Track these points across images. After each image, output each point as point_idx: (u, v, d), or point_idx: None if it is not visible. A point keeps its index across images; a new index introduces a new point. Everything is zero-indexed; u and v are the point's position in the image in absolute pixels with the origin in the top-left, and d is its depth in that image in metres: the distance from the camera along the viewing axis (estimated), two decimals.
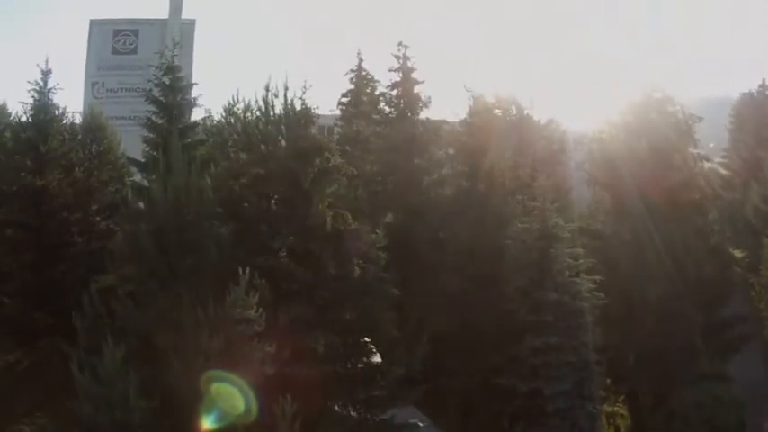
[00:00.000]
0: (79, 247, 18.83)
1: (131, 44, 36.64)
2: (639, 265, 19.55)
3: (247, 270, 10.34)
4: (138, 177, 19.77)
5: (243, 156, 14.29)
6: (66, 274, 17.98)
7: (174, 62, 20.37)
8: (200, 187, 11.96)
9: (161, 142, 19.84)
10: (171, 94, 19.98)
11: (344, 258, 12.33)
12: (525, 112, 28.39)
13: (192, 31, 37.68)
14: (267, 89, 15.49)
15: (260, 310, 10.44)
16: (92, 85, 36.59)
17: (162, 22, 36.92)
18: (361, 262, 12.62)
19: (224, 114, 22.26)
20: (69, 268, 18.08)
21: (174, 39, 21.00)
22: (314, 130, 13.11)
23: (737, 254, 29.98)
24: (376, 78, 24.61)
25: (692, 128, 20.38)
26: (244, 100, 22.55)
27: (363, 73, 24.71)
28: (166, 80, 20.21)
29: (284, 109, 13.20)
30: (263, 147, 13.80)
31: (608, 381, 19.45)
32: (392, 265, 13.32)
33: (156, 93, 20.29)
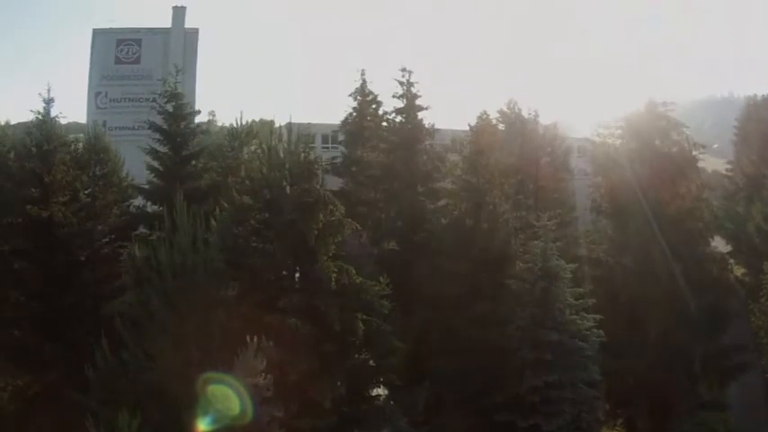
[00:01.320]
0: (86, 275, 19.09)
1: (134, 53, 36.41)
2: (641, 295, 19.70)
3: (255, 338, 10.48)
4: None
5: (247, 199, 14.36)
6: (74, 304, 18.31)
7: (177, 89, 20.53)
8: (207, 247, 12.05)
9: (165, 171, 20.17)
10: (174, 122, 20.18)
11: (349, 313, 12.48)
12: (529, 126, 28.43)
13: (196, 40, 37.43)
14: (271, 132, 15.60)
15: (268, 376, 10.62)
16: (95, 94, 36.46)
17: (165, 31, 36.66)
18: (364, 316, 12.76)
19: (227, 138, 22.34)
20: (77, 298, 18.41)
21: (176, 65, 20.97)
22: (317, 183, 13.09)
23: (738, 269, 30.22)
24: (379, 98, 24.56)
25: (696, 157, 20.34)
26: (247, 123, 22.85)
27: (366, 91, 24.63)
28: (170, 107, 20.40)
29: (289, 157, 13.24)
30: (267, 193, 13.88)
31: (607, 406, 19.77)
32: (395, 300, 13.47)
33: (160, 120, 20.49)
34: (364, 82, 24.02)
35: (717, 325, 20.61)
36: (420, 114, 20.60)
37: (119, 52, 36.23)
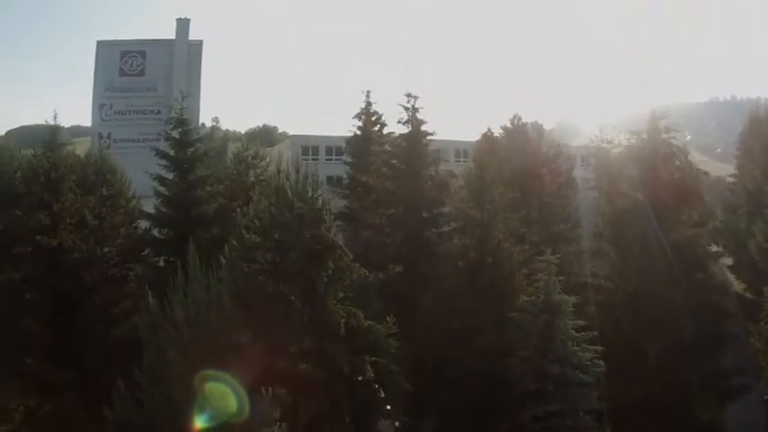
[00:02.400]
0: (95, 300, 19.36)
1: (139, 65, 36.51)
2: (641, 320, 20.00)
3: (270, 390, 10.75)
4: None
5: (255, 238, 14.59)
6: (84, 329, 18.61)
7: (182, 115, 20.67)
8: (219, 296, 12.27)
9: (172, 197, 20.38)
10: (181, 150, 20.36)
11: (357, 356, 12.77)
12: (532, 142, 28.57)
13: (200, 52, 37.47)
14: (279, 170, 15.80)
15: (282, 424, 10.92)
16: (99, 106, 36.60)
17: (169, 43, 36.74)
18: (372, 357, 13.05)
19: (233, 160, 22.50)
20: (87, 323, 18.69)
21: (182, 91, 21.05)
22: (327, 229, 13.32)
23: (739, 284, 30.45)
24: (384, 118, 24.71)
25: (700, 185, 20.53)
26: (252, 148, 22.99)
27: (371, 111, 24.79)
28: (176, 134, 20.56)
29: (298, 201, 13.45)
30: (276, 233, 14.11)
31: (608, 430, 20.12)
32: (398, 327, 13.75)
33: (166, 146, 20.66)
34: (369, 104, 24.14)
35: (716, 349, 20.91)
36: (425, 140, 20.76)
37: (123, 64, 36.34)
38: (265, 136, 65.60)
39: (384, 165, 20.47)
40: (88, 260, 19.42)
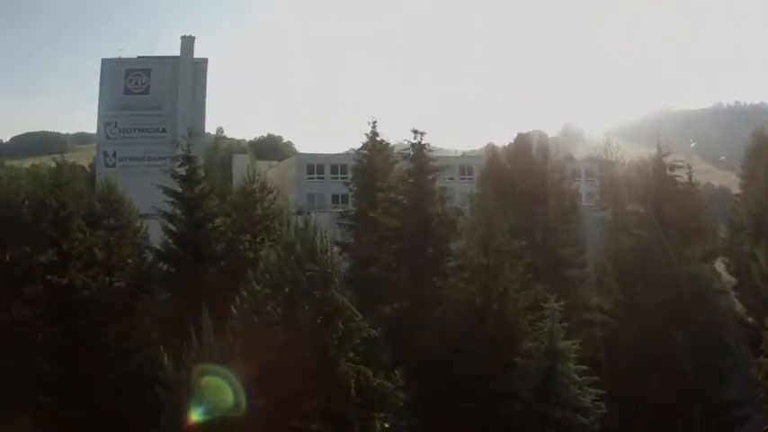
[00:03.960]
0: (105, 335, 19.62)
1: (143, 83, 36.48)
2: (643, 357, 20.22)
3: None
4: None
5: (266, 291, 14.79)
6: (95, 366, 18.89)
7: (189, 152, 20.77)
8: (231, 352, 12.50)
9: (179, 234, 20.54)
10: (188, 188, 20.50)
11: (367, 413, 13.01)
12: (537, 166, 28.59)
13: (205, 69, 37.43)
14: (287, 223, 15.95)
15: None
16: (104, 125, 36.66)
17: (174, 60, 36.67)
18: (381, 413, 13.28)
19: (240, 195, 22.56)
20: (97, 359, 18.98)
21: (189, 129, 21.13)
22: (336, 288, 13.52)
23: (742, 310, 30.60)
24: (390, 145, 24.80)
25: (706, 222, 20.65)
26: (258, 178, 23.04)
27: (378, 139, 24.88)
28: (182, 171, 20.69)
29: (308, 260, 13.63)
30: (286, 287, 14.32)
31: None
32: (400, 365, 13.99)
33: (173, 184, 20.76)
34: (375, 133, 24.22)
35: (717, 383, 21.12)
36: (431, 176, 20.89)
37: (128, 82, 36.32)
38: (270, 146, 65.73)
39: (390, 202, 20.60)
40: (97, 296, 19.77)
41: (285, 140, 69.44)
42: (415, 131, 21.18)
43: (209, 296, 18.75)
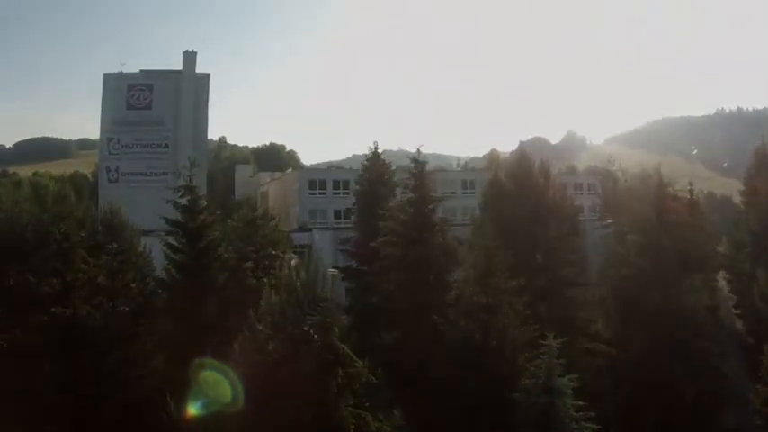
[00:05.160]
0: (110, 363, 19.81)
1: (146, 99, 36.46)
2: (642, 387, 20.39)
3: None
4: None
5: (268, 330, 14.92)
6: (101, 394, 19.10)
7: (191, 182, 20.83)
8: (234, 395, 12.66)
9: (182, 264, 20.67)
10: (191, 218, 20.59)
11: None
12: (538, 187, 28.60)
13: (207, 84, 37.41)
14: (288, 268, 16.06)
15: None
16: (107, 140, 36.72)
17: (176, 75, 36.63)
18: None
19: (242, 223, 22.69)
20: (104, 388, 19.19)
21: (190, 157, 21.19)
22: (336, 336, 13.64)
23: (742, 328, 30.61)
24: (391, 168, 24.87)
25: (706, 252, 20.73)
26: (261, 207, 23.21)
27: (379, 162, 24.95)
28: (185, 201, 20.76)
29: (310, 310, 13.77)
30: (288, 328, 14.46)
31: None
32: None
33: (175, 214, 20.83)
34: (376, 156, 24.25)
35: (715, 409, 21.30)
36: (432, 206, 20.96)
37: (130, 98, 36.32)
38: (273, 154, 65.61)
39: (391, 233, 20.69)
40: (102, 325, 19.93)
41: (288, 149, 69.31)
42: (416, 160, 21.22)
43: (211, 324, 19.12)
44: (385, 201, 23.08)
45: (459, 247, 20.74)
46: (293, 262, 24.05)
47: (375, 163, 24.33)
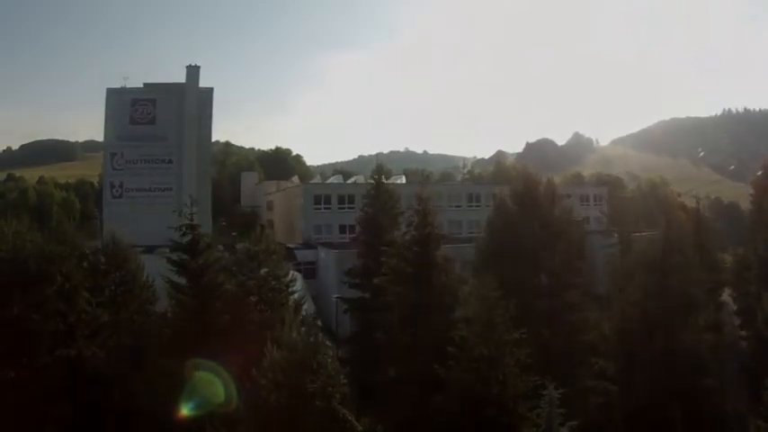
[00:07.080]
0: (115, 401, 20.04)
1: (149, 113, 36.15)
2: (641, 429, 20.45)
3: None
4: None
5: (270, 385, 15.01)
6: None
7: (193, 220, 20.71)
8: None
9: (185, 303, 20.70)
10: (193, 258, 20.53)
11: None
12: (543, 210, 28.37)
13: (211, 98, 37.03)
14: (290, 326, 16.04)
15: None
16: (111, 155, 36.55)
17: (180, 88, 36.25)
18: None
19: (245, 257, 22.63)
20: (110, 427, 19.44)
21: (191, 195, 21.00)
22: (338, 402, 13.72)
23: (746, 350, 30.53)
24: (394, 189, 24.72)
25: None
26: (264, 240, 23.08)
27: (381, 190, 24.80)
28: (186, 240, 20.65)
29: (311, 376, 13.84)
30: (292, 379, 14.57)
31: None
32: None
33: (177, 255, 20.77)
34: (380, 185, 24.07)
35: None
36: (435, 243, 20.85)
37: (133, 112, 36.04)
38: (279, 159, 65.06)
39: (394, 272, 20.64)
40: (106, 363, 20.10)
41: (294, 153, 68.66)
42: (420, 198, 21.05)
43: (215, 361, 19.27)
44: (389, 232, 22.95)
45: (462, 287, 20.71)
46: (298, 283, 24.23)
47: (379, 191, 24.13)
